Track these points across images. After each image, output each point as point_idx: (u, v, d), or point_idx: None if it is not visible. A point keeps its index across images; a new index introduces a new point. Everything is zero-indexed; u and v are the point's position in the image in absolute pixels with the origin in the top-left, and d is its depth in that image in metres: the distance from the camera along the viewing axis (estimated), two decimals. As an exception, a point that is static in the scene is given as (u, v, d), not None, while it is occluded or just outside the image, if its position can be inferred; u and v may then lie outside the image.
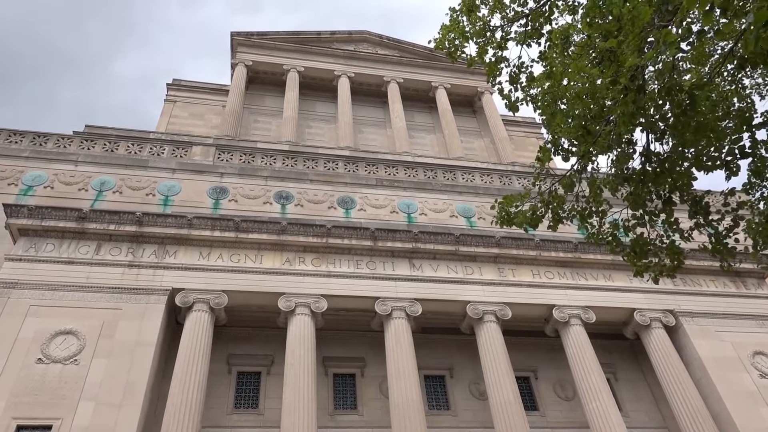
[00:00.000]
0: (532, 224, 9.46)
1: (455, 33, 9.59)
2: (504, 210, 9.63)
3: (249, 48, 36.06)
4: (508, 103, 9.86)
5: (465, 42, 9.60)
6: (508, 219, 9.58)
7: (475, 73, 38.93)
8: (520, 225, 9.54)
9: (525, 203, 9.60)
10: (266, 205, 23.99)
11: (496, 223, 9.85)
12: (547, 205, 9.38)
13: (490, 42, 9.33)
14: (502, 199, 9.70)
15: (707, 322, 22.31)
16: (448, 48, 9.89)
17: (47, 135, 24.57)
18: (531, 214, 9.42)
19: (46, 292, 17.95)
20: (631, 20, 6.70)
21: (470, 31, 9.44)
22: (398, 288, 20.99)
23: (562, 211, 9.45)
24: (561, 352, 21.74)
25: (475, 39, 9.47)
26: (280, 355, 19.65)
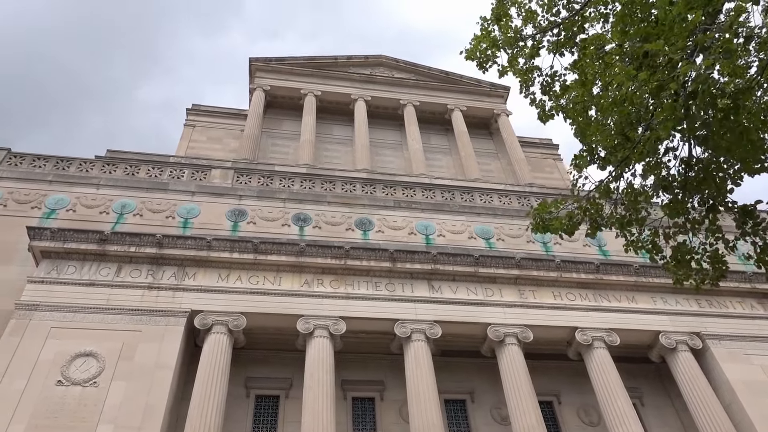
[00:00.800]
0: (568, 231, 9.27)
1: (486, 42, 9.55)
2: (539, 217, 9.44)
3: (267, 73, 36.61)
4: (540, 112, 9.75)
5: (497, 51, 9.55)
6: (544, 226, 9.39)
7: (491, 95, 39.12)
8: (555, 231, 9.35)
9: (561, 210, 9.39)
10: (284, 227, 24.03)
11: (532, 231, 9.65)
12: (584, 211, 9.18)
13: (522, 52, 9.27)
14: (537, 205, 9.50)
15: (735, 345, 21.70)
16: (479, 58, 9.85)
17: (70, 159, 24.98)
18: (567, 220, 9.21)
19: (66, 314, 18.02)
20: (679, 22, 6.58)
21: (502, 40, 9.38)
22: (417, 310, 20.76)
23: (600, 218, 9.24)
24: (584, 377, 21.23)
25: (507, 48, 9.41)
26: (299, 379, 19.44)
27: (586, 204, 9.19)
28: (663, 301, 22.83)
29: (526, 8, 9.27)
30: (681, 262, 9.07)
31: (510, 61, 9.63)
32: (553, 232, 9.37)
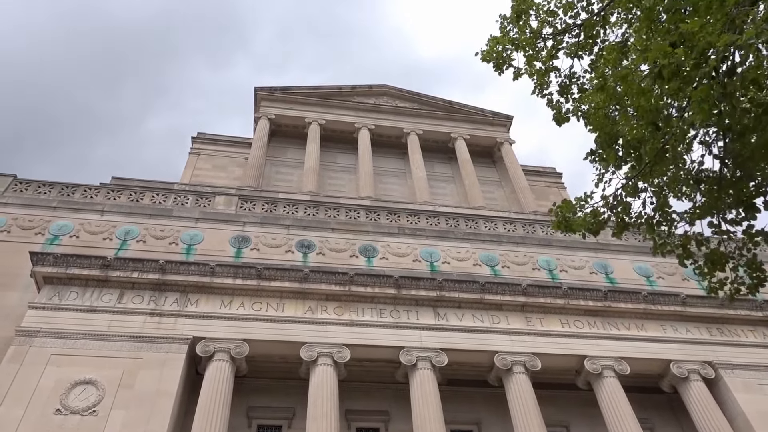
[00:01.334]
0: (593, 230, 8.96)
1: (503, 43, 9.46)
2: (562, 215, 9.11)
3: (272, 102, 36.94)
4: (556, 113, 9.60)
5: (515, 50, 9.45)
6: (567, 225, 9.04)
7: (494, 124, 39.34)
8: (579, 230, 9.01)
9: (585, 208, 9.05)
10: (288, 253, 23.85)
11: (553, 229, 9.31)
12: (611, 209, 8.87)
13: (539, 55, 9.17)
14: (561, 203, 9.18)
15: (749, 375, 21.20)
16: (496, 59, 9.76)
17: (75, 186, 25.00)
18: (592, 218, 8.89)
19: (67, 341, 17.73)
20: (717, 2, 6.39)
21: (519, 40, 9.29)
22: (423, 337, 20.40)
23: (627, 217, 8.93)
24: (594, 407, 20.68)
25: (526, 49, 9.31)
26: (302, 408, 18.97)
27: (613, 201, 8.86)
28: (673, 330, 22.43)
29: (545, 9, 9.17)
30: (713, 268, 8.72)
31: (528, 61, 9.50)
32: (576, 230, 9.03)
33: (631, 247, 27.52)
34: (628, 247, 27.49)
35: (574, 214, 9.02)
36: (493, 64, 9.93)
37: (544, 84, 9.63)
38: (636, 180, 8.48)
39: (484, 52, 9.89)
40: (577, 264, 25.98)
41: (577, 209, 9.05)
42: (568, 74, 9.49)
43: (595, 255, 26.68)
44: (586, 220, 8.92)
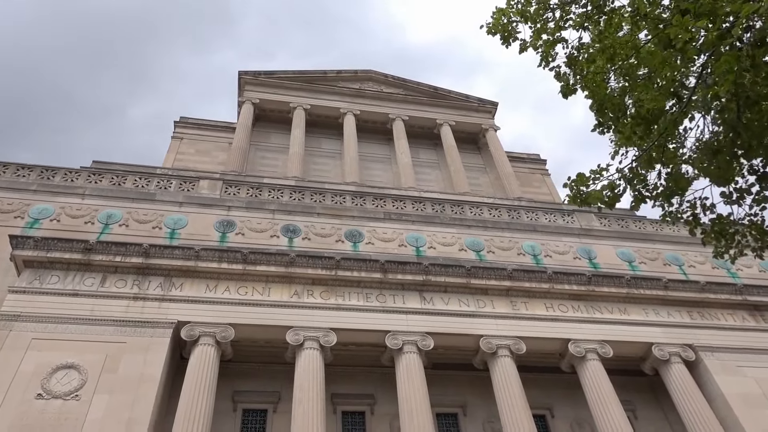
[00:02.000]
0: (609, 203, 8.87)
1: (508, 15, 9.29)
2: (576, 188, 8.96)
3: (256, 86, 36.48)
4: (564, 86, 9.49)
5: (519, 25, 9.30)
6: (582, 198, 8.92)
7: (479, 110, 39.34)
8: (595, 203, 8.92)
9: (601, 181, 8.92)
10: (273, 238, 23.67)
11: (569, 203, 9.22)
12: (629, 181, 8.77)
13: (546, 26, 9.02)
14: (575, 176, 9.03)
15: (728, 357, 21.62)
16: (502, 31, 9.60)
17: (55, 169, 24.50)
18: (610, 191, 8.79)
19: (48, 325, 17.46)
20: None
21: (526, 11, 9.13)
22: (409, 321, 20.44)
23: (645, 189, 8.85)
24: (578, 389, 20.98)
25: (533, 20, 9.14)
26: (288, 392, 18.97)
27: (629, 174, 8.76)
28: (655, 313, 22.76)
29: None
30: (723, 235, 8.73)
31: (535, 33, 9.34)
32: (592, 203, 8.91)
33: (614, 232, 27.82)
34: (611, 232, 27.79)
35: (588, 188, 8.89)
36: (500, 37, 9.75)
37: (551, 56, 9.50)
38: (650, 151, 8.38)
39: (490, 25, 9.73)
40: (561, 249, 26.18)
41: (591, 182, 8.92)
42: (577, 45, 9.35)
43: (579, 240, 26.91)
44: (603, 193, 8.80)
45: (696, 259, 27.15)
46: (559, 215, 28.39)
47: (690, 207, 8.98)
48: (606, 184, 8.83)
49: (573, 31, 9.37)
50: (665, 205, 9.02)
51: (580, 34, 9.30)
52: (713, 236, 8.87)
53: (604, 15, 8.87)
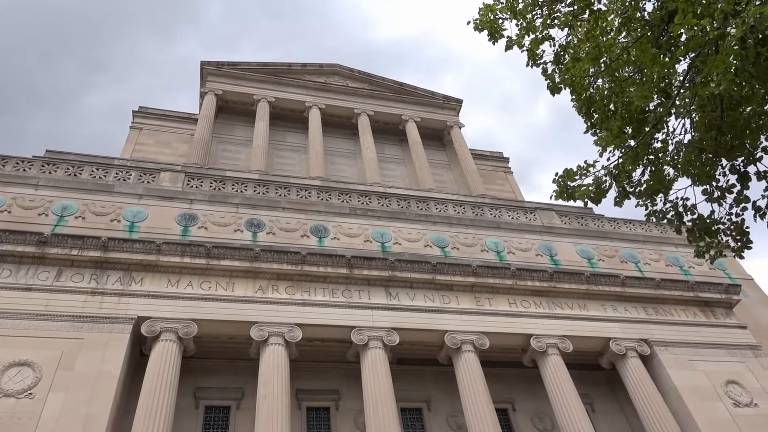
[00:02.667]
0: (595, 199, 9.06)
1: (498, 10, 9.34)
2: (563, 184, 9.13)
3: (219, 77, 35.74)
4: (551, 83, 9.60)
5: (511, 17, 9.34)
6: (570, 193, 9.09)
7: (444, 107, 39.61)
8: (582, 198, 9.12)
9: (587, 177, 9.10)
10: (237, 232, 23.25)
11: (555, 198, 9.36)
12: (615, 178, 8.96)
13: (533, 24, 9.11)
14: (562, 172, 9.20)
15: (681, 352, 22.46)
16: (489, 27, 9.63)
17: (6, 158, 23.40)
18: (595, 187, 8.98)
19: (1, 321, 16.70)
20: None
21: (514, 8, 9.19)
22: (375, 317, 20.45)
23: (629, 186, 9.06)
24: (538, 383, 21.44)
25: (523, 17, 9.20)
26: (251, 388, 18.73)
27: (615, 170, 8.96)
28: (613, 309, 23.44)
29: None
30: (705, 233, 8.99)
31: (523, 30, 9.41)
32: (579, 199, 9.11)
33: (574, 230, 28.47)
34: (571, 230, 28.44)
35: (574, 183, 9.05)
36: (487, 33, 9.80)
37: (537, 55, 9.62)
38: (636, 149, 8.59)
39: (477, 21, 9.77)
40: (524, 246, 26.64)
41: (577, 178, 9.08)
42: (563, 44, 9.49)
43: (541, 238, 27.44)
44: (589, 188, 8.98)
45: (651, 256, 28.07)
46: (522, 213, 28.88)
47: (672, 207, 9.23)
48: (592, 180, 9.01)
49: (560, 31, 9.52)
50: (648, 205, 9.26)
51: (567, 34, 9.44)
52: (697, 235, 9.14)
53: (589, 14, 9.03)
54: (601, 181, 9.09)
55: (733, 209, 8.78)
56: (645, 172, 8.99)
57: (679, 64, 7.61)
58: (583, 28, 9.04)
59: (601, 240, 28.37)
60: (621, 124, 8.48)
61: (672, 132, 8.53)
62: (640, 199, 9.18)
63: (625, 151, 8.83)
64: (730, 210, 8.84)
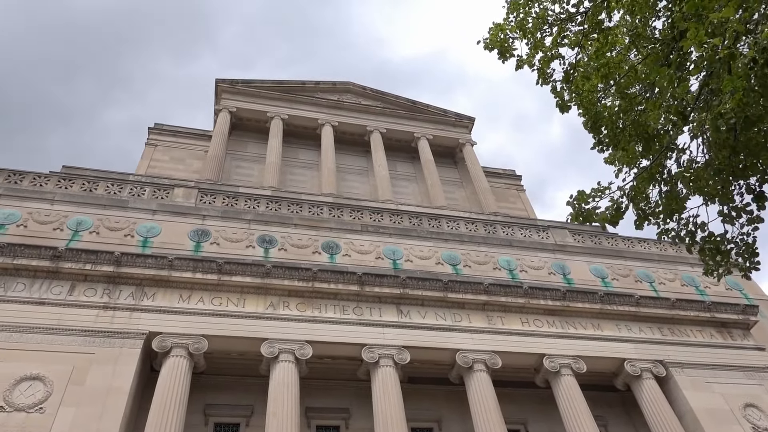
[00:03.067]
0: (612, 221, 8.91)
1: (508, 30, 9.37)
2: (578, 207, 8.95)
3: (233, 95, 36.15)
4: (560, 101, 9.58)
5: (521, 37, 9.36)
6: (586, 216, 8.91)
7: (456, 125, 39.68)
8: (600, 222, 8.97)
9: (602, 199, 8.94)
10: (249, 248, 23.33)
11: (571, 221, 9.20)
12: (631, 199, 8.81)
13: (542, 43, 9.12)
14: (576, 194, 9.02)
15: (697, 373, 22.03)
16: (500, 46, 9.66)
17: (23, 173, 23.77)
18: (613, 209, 8.82)
19: (13, 335, 16.81)
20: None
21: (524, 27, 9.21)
22: (385, 335, 20.31)
23: (647, 207, 8.91)
24: (551, 404, 21.10)
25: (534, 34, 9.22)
26: (261, 405, 18.60)
27: (631, 192, 8.81)
28: (627, 329, 23.09)
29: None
30: (717, 253, 8.82)
31: (533, 49, 9.42)
32: (596, 221, 8.95)
33: (587, 248, 28.22)
34: (585, 248, 28.18)
35: (588, 205, 8.90)
36: (497, 52, 9.83)
37: (547, 74, 9.61)
38: (651, 169, 8.48)
39: (487, 40, 9.80)
40: (537, 264, 26.43)
41: (591, 200, 8.94)
42: (573, 62, 9.48)
43: (554, 256, 27.22)
44: (606, 212, 8.82)
45: (666, 276, 27.70)
46: (535, 231, 28.70)
47: (685, 226, 9.09)
48: (609, 202, 8.87)
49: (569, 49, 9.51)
50: (660, 223, 9.12)
51: (577, 52, 9.42)
52: (708, 254, 8.98)
53: (600, 33, 9.02)
54: (618, 203, 8.91)
55: (745, 228, 8.63)
56: (660, 192, 8.85)
57: (691, 84, 7.55)
58: (593, 46, 9.02)
59: (615, 259, 28.07)
60: (634, 143, 8.39)
61: (685, 150, 8.44)
62: (657, 220, 9.02)
63: (639, 172, 8.71)
64: (742, 229, 8.68)
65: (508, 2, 9.65)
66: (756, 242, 8.76)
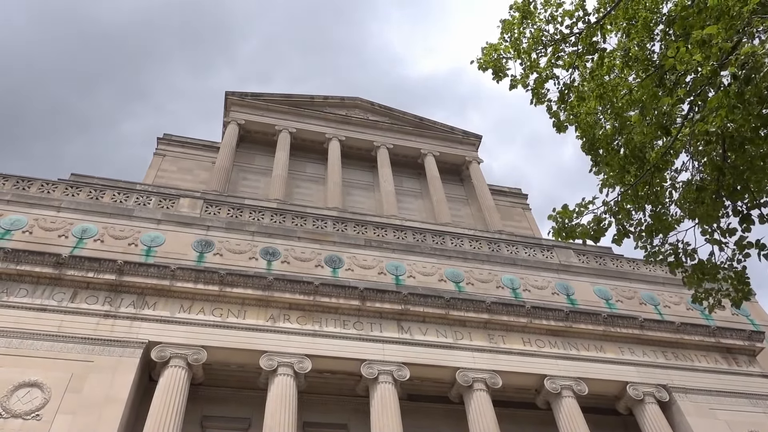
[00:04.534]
0: (594, 237, 8.88)
1: (502, 50, 9.45)
2: (561, 222, 8.96)
3: (242, 107, 36.46)
4: (555, 121, 9.59)
5: (515, 57, 9.43)
6: (569, 232, 8.90)
7: (463, 142, 39.78)
8: (581, 237, 8.94)
9: (585, 215, 8.94)
10: (252, 260, 23.33)
11: (553, 236, 9.18)
12: (614, 215, 8.80)
13: (536, 64, 9.18)
14: (560, 209, 9.04)
15: (701, 399, 21.70)
16: (494, 66, 9.72)
17: (31, 180, 23.98)
18: (595, 225, 8.81)
19: (13, 340, 16.84)
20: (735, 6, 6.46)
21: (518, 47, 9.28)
22: (386, 351, 20.18)
23: (629, 224, 8.88)
24: (552, 426, 20.77)
25: (527, 55, 9.29)
26: (258, 419, 18.47)
27: (615, 208, 8.78)
28: (630, 352, 22.83)
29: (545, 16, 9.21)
30: (703, 278, 8.74)
31: (527, 69, 9.48)
32: (578, 237, 8.92)
33: (592, 269, 28.03)
34: (589, 269, 27.99)
35: (571, 221, 8.87)
36: (491, 72, 9.90)
37: (541, 95, 9.65)
38: (636, 187, 8.46)
39: (481, 60, 9.87)
40: (540, 284, 26.26)
41: (575, 216, 8.90)
42: (567, 83, 9.52)
43: (558, 276, 27.04)
44: (588, 227, 8.79)
45: (671, 299, 27.43)
46: (539, 250, 28.57)
47: (672, 249, 9.02)
48: (592, 218, 8.83)
49: (564, 70, 9.55)
50: (648, 246, 9.05)
51: (572, 73, 9.46)
52: (696, 278, 8.89)
53: (594, 55, 9.06)
54: (601, 219, 8.89)
55: (736, 255, 8.50)
56: (645, 211, 8.80)
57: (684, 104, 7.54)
58: (588, 69, 9.05)
59: (619, 281, 27.84)
60: (623, 162, 8.37)
61: (676, 170, 8.40)
62: (639, 239, 8.96)
63: (624, 189, 8.66)
64: (732, 256, 8.55)
65: (502, 22, 9.74)
66: (746, 271, 8.63)
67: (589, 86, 8.87)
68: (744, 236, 8.23)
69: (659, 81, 7.15)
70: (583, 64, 9.27)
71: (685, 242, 9.01)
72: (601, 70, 8.66)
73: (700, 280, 8.89)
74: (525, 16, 9.27)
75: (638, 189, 8.43)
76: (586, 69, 9.14)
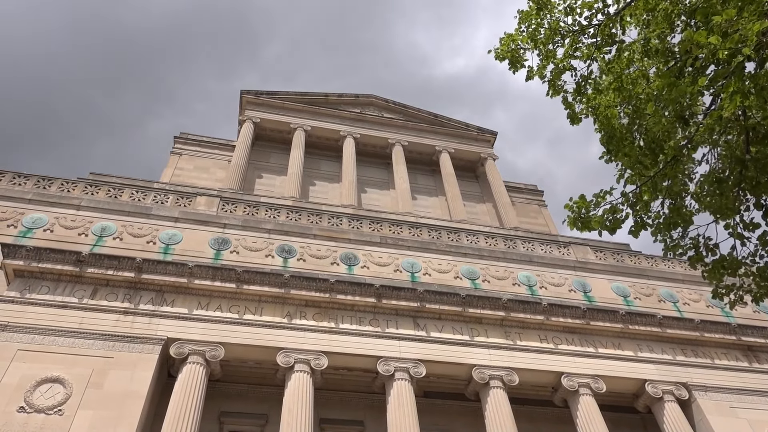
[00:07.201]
0: (611, 228, 8.72)
1: (519, 40, 9.37)
2: (578, 211, 8.77)
3: (257, 106, 36.68)
4: (570, 113, 9.49)
5: (533, 47, 9.35)
6: (584, 222, 8.73)
7: (478, 139, 39.62)
8: (596, 228, 8.76)
9: (602, 205, 8.73)
10: (268, 258, 23.49)
11: (568, 226, 9.00)
12: (632, 206, 8.63)
13: (553, 55, 9.08)
14: (577, 198, 8.84)
15: (721, 397, 21.42)
16: (511, 57, 9.65)
17: (51, 179, 24.36)
18: (611, 215, 8.62)
19: (36, 337, 17.14)
20: None
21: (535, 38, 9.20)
22: (402, 348, 20.20)
23: (646, 216, 8.71)
24: (568, 424, 20.69)
25: (544, 46, 9.21)
26: (275, 415, 18.60)
27: (633, 198, 8.63)
28: (649, 350, 22.60)
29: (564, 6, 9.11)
30: (725, 272, 8.55)
31: (546, 59, 9.38)
32: (594, 228, 8.77)
33: (609, 266, 27.77)
34: (607, 266, 27.74)
35: (589, 211, 8.72)
36: (508, 62, 9.82)
37: (558, 87, 9.55)
38: (655, 179, 8.31)
39: (498, 51, 9.80)
40: (557, 281, 26.10)
41: (592, 206, 8.75)
42: (585, 74, 9.40)
43: (575, 273, 26.84)
44: (604, 217, 8.64)
45: (690, 296, 27.09)
46: (555, 247, 28.37)
47: (693, 243, 8.85)
48: (608, 208, 8.63)
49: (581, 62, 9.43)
50: (667, 240, 8.89)
51: (589, 65, 9.33)
52: (717, 273, 8.70)
53: (613, 47, 8.93)
54: (617, 209, 8.67)
55: (758, 250, 8.30)
56: (664, 203, 8.60)
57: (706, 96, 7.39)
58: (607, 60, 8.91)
59: (637, 278, 27.56)
60: (640, 153, 8.18)
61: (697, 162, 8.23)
62: (658, 231, 8.75)
63: (644, 181, 8.46)
64: (755, 251, 8.35)
65: (520, 13, 9.65)
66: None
67: (607, 79, 8.76)
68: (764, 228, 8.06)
69: (679, 72, 7.02)
70: (602, 56, 9.15)
71: (707, 237, 8.84)
72: (620, 62, 8.54)
73: (722, 275, 8.69)
74: (542, 7, 9.18)
75: (656, 180, 8.25)
76: (605, 61, 9.02)
